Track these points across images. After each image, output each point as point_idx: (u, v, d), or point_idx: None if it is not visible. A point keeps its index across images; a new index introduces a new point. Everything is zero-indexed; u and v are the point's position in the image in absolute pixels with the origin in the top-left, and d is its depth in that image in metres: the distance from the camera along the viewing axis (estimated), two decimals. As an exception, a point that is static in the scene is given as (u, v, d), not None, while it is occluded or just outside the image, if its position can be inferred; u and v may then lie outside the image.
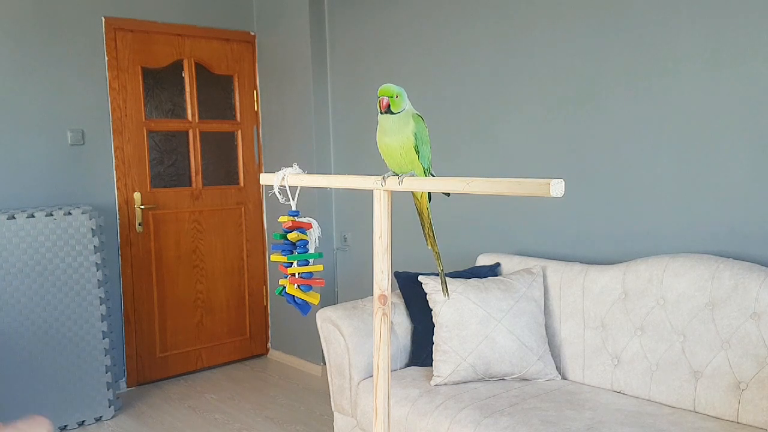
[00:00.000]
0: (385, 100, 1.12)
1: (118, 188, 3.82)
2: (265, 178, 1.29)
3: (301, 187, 1.25)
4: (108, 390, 3.37)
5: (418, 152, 1.14)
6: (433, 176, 1.24)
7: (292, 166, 1.26)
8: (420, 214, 1.23)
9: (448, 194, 1.12)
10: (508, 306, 2.50)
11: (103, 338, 3.34)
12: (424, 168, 1.17)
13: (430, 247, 1.27)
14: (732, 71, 2.32)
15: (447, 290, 1.35)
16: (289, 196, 1.24)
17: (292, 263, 1.34)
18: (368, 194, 3.83)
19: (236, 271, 4.34)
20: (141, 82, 3.88)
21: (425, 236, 1.26)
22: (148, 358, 3.98)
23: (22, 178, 3.50)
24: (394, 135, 1.13)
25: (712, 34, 2.35)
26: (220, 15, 4.18)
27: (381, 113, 1.13)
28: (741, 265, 2.19)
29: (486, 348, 2.45)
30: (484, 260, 2.94)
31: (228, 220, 4.28)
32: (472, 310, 2.48)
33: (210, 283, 4.22)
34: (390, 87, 1.14)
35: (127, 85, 3.84)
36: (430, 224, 1.24)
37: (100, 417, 3.37)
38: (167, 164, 4.10)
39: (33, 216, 3.14)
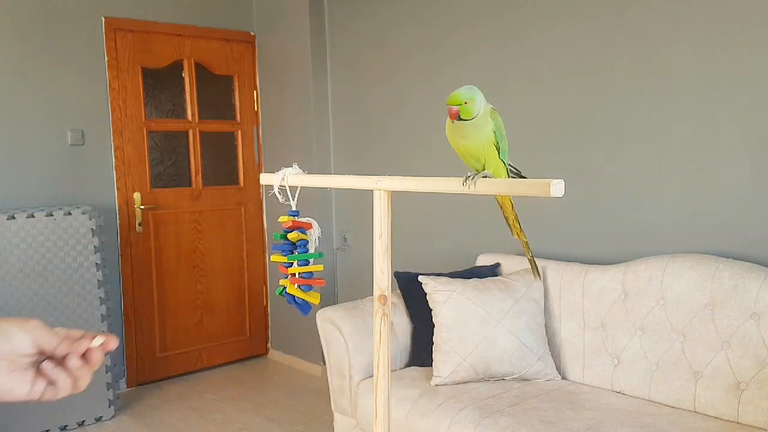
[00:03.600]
0: (454, 110, 1.01)
1: (118, 188, 3.82)
2: (265, 178, 1.28)
3: (301, 187, 1.24)
4: (108, 390, 3.37)
5: (498, 149, 1.07)
6: (515, 169, 1.20)
7: (292, 166, 1.26)
8: (502, 207, 1.18)
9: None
10: (508, 306, 2.50)
11: (103, 338, 3.33)
12: (504, 162, 1.10)
13: (516, 237, 1.21)
14: (732, 71, 2.32)
15: (538, 272, 1.25)
16: (289, 196, 1.24)
17: (292, 263, 1.34)
18: (368, 194, 3.83)
19: (236, 271, 4.34)
20: (141, 82, 3.88)
21: (510, 228, 1.21)
22: (148, 358, 3.98)
23: (22, 178, 3.50)
24: (473, 138, 1.05)
25: (713, 33, 2.35)
26: (220, 15, 4.18)
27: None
28: (741, 265, 2.19)
29: (486, 348, 2.44)
30: (484, 260, 2.94)
31: (228, 220, 4.28)
32: (472, 310, 2.48)
33: (210, 283, 4.22)
34: (460, 94, 1.02)
35: (127, 85, 3.84)
36: (515, 216, 1.17)
37: (100, 417, 3.36)
38: (167, 164, 4.09)
39: (33, 216, 3.14)
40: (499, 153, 1.09)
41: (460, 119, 1.04)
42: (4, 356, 0.62)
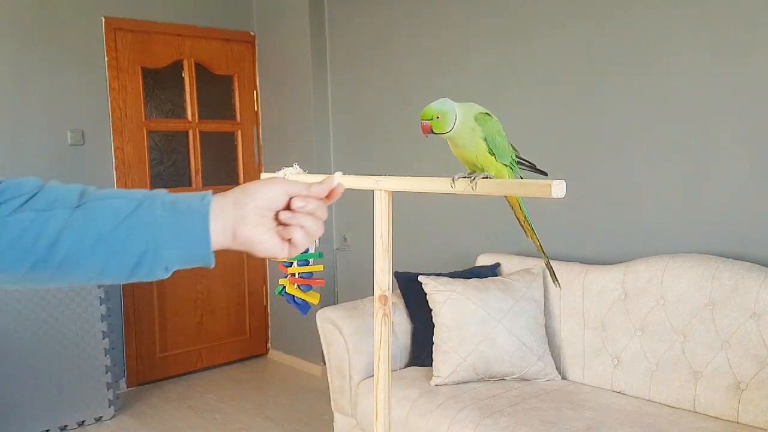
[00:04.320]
0: (426, 126, 1.01)
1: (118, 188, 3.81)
2: (266, 177, 1.28)
3: (301, 187, 1.24)
4: (108, 390, 3.37)
5: (493, 154, 1.06)
6: (527, 163, 1.17)
7: (292, 166, 1.26)
8: (512, 208, 1.17)
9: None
10: (508, 306, 2.50)
11: (103, 338, 3.34)
12: (505, 165, 1.08)
13: (530, 239, 1.20)
14: (732, 71, 2.32)
15: (557, 279, 1.23)
16: (290, 196, 1.24)
17: (292, 263, 1.34)
18: (368, 194, 3.83)
19: (236, 271, 4.34)
20: (141, 82, 3.88)
21: (523, 230, 1.20)
22: (148, 358, 3.98)
23: (22, 178, 3.50)
24: (466, 148, 1.04)
25: (713, 33, 2.35)
26: (220, 15, 4.18)
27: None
28: (741, 265, 2.19)
29: (486, 348, 2.44)
30: (484, 260, 2.94)
31: (228, 220, 4.28)
32: (472, 310, 2.48)
33: (210, 283, 4.22)
34: (429, 108, 1.01)
35: (127, 85, 3.84)
36: (525, 217, 1.15)
37: (100, 417, 3.36)
38: (167, 164, 4.09)
39: (33, 216, 3.14)
40: (496, 158, 1.07)
41: (435, 134, 1.03)
42: (259, 213, 0.71)
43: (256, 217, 0.71)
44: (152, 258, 0.67)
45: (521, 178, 1.18)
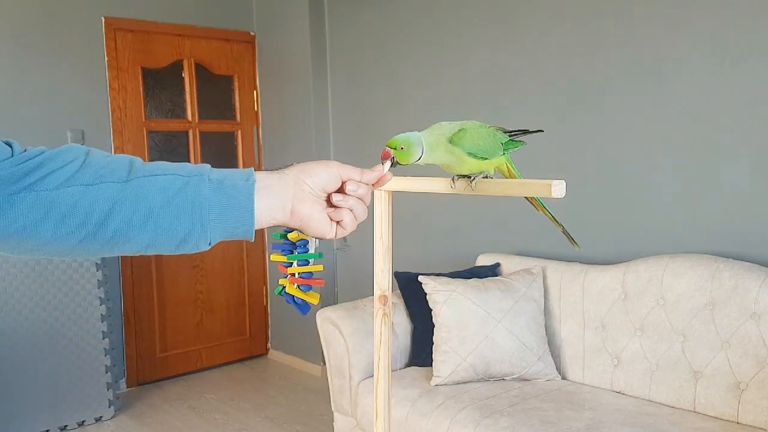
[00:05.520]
0: (388, 152, 0.95)
1: (118, 188, 3.81)
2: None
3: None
4: (108, 390, 3.37)
5: (485, 158, 1.02)
6: (518, 132, 1.16)
7: (292, 165, 1.26)
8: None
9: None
10: (508, 306, 2.50)
11: (103, 338, 3.34)
12: (501, 155, 1.05)
13: (541, 213, 1.20)
14: (733, 71, 2.32)
15: (575, 242, 1.24)
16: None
17: (291, 263, 1.34)
18: (368, 194, 3.81)
19: (236, 271, 4.34)
20: (141, 82, 3.88)
21: (533, 206, 1.18)
22: (148, 358, 3.98)
23: (22, 178, 3.50)
24: (456, 168, 1.01)
25: (714, 33, 2.35)
26: (220, 15, 4.18)
27: (389, 165, 0.95)
28: (741, 265, 2.19)
29: (486, 348, 2.44)
30: (484, 260, 2.94)
31: (228, 220, 4.28)
32: (472, 310, 2.48)
33: (210, 283, 4.22)
34: (395, 139, 0.97)
35: (127, 85, 3.84)
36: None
37: (100, 417, 3.36)
38: (167, 164, 4.09)
39: (33, 216, 3.13)
40: (489, 158, 1.05)
41: (399, 164, 0.99)
42: (315, 193, 0.75)
43: (312, 196, 0.74)
44: (198, 234, 0.69)
45: (524, 144, 1.16)
